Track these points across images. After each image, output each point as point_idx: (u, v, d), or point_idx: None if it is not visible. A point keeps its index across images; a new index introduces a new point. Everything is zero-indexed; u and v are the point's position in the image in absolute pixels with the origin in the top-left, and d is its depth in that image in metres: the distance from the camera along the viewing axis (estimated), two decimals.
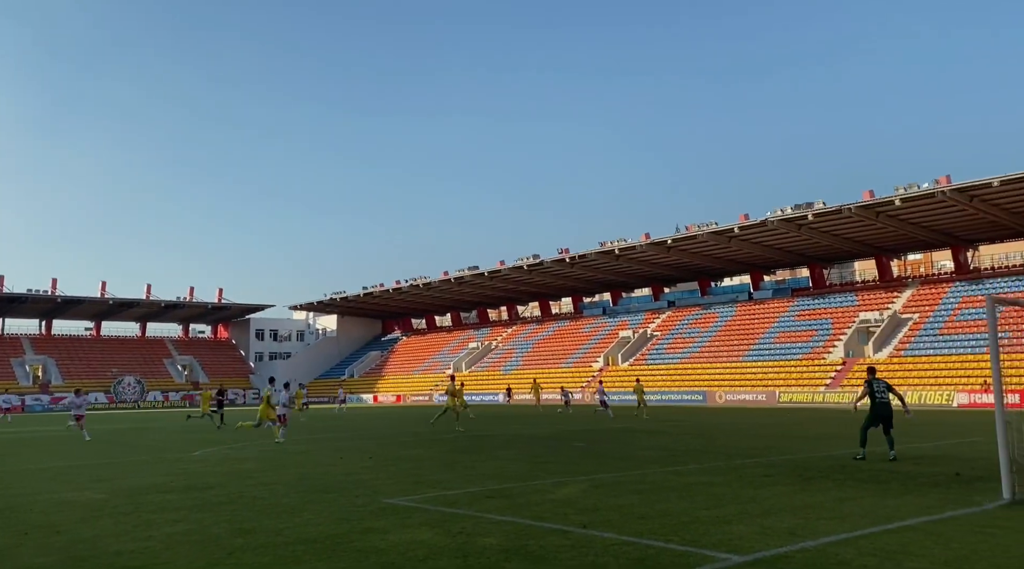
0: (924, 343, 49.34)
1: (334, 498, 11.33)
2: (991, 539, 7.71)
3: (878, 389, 15.10)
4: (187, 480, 13.99)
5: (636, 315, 72.39)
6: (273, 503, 10.97)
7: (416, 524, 9.12)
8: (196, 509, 10.54)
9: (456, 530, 8.69)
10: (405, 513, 9.90)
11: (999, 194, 45.50)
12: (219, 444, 22.86)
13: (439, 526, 8.95)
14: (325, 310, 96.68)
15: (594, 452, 18.09)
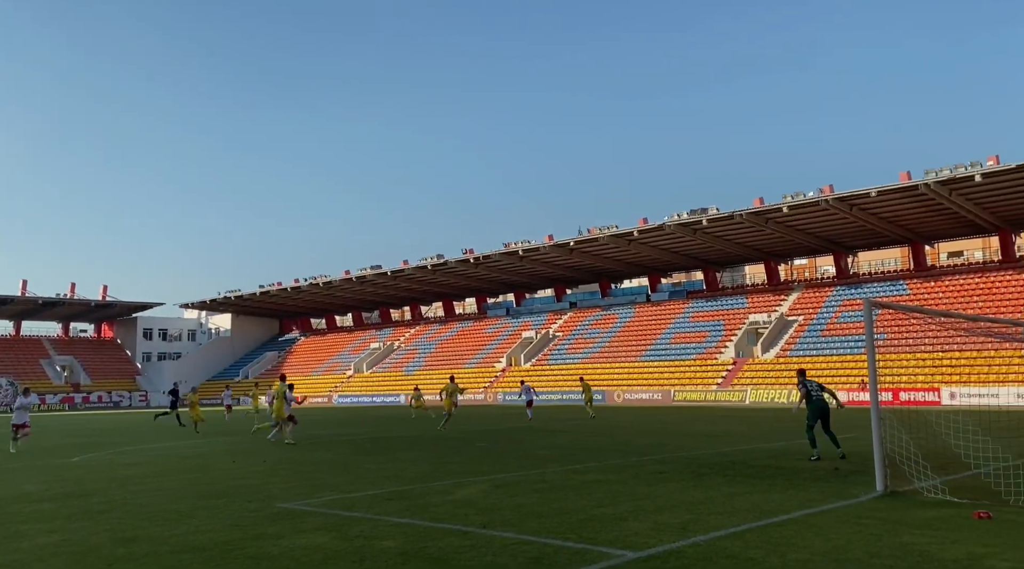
0: (808, 344, 52.04)
1: (225, 504, 10.91)
2: (865, 529, 8.19)
3: (812, 388, 15.54)
4: (65, 487, 13.16)
5: (539, 316, 73.21)
6: (159, 510, 10.46)
7: (311, 529, 8.89)
8: (74, 518, 9.93)
9: (354, 534, 8.52)
10: (300, 518, 9.64)
11: (876, 204, 48.51)
12: (105, 448, 21.61)
13: (336, 530, 8.75)
14: (219, 309, 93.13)
15: (496, 452, 18.15)
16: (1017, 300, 46.62)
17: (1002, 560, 6.72)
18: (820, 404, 15.24)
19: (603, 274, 70.82)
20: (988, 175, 42.91)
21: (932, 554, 6.99)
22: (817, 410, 15.22)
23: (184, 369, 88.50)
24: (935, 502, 9.73)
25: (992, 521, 8.46)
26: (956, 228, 53.44)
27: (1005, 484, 9.98)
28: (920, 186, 44.72)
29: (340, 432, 27.52)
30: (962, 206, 47.06)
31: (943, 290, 51.17)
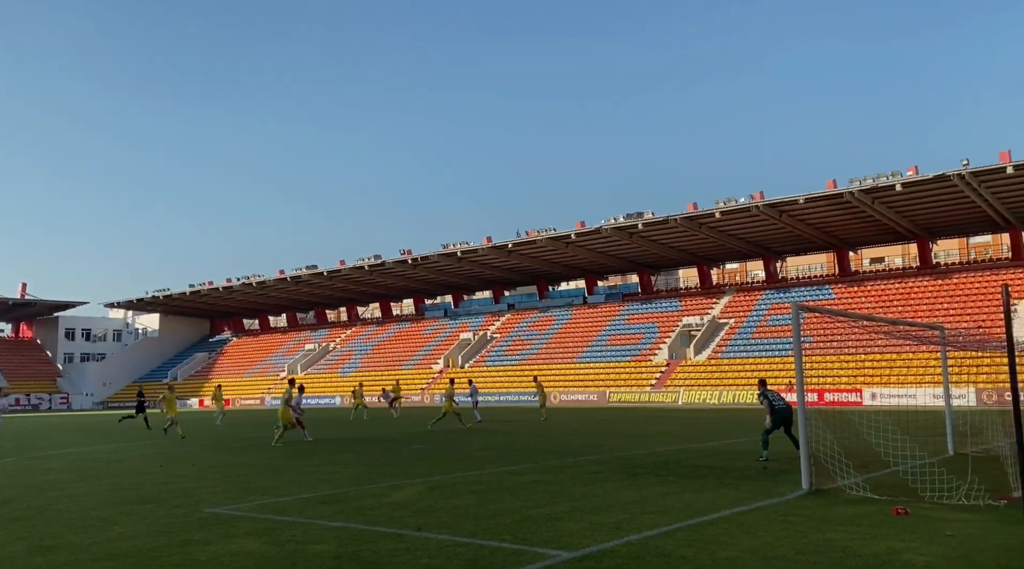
0: (738, 346, 53.39)
1: (151, 509, 10.57)
2: (791, 527, 8.45)
3: (775, 398, 15.82)
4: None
5: (477, 317, 73.17)
6: (81, 516, 10.06)
7: (242, 534, 8.68)
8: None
9: (286, 538, 8.36)
10: (230, 523, 9.40)
11: (804, 210, 50.12)
12: (23, 453, 20.65)
13: (267, 535, 8.57)
14: (146, 308, 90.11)
15: (432, 454, 18.06)
16: (933, 304, 48.79)
17: (918, 554, 7.03)
18: (784, 413, 15.56)
19: (541, 276, 71.25)
20: (908, 185, 44.80)
21: (854, 550, 7.26)
22: (779, 419, 15.53)
23: (109, 371, 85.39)
24: (857, 499, 10.10)
25: (909, 517, 8.83)
26: (878, 235, 55.62)
27: (921, 481, 10.42)
28: (845, 194, 46.39)
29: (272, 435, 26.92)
30: (884, 214, 49.01)
31: (866, 295, 53.19)
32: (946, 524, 8.37)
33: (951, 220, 51.15)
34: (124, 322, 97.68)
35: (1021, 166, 40.93)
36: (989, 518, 8.71)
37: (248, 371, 79.01)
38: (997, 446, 13.36)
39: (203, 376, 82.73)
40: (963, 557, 6.89)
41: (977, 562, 6.72)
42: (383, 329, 78.78)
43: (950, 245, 66.96)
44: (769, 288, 59.73)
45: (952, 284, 50.98)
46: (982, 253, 67.09)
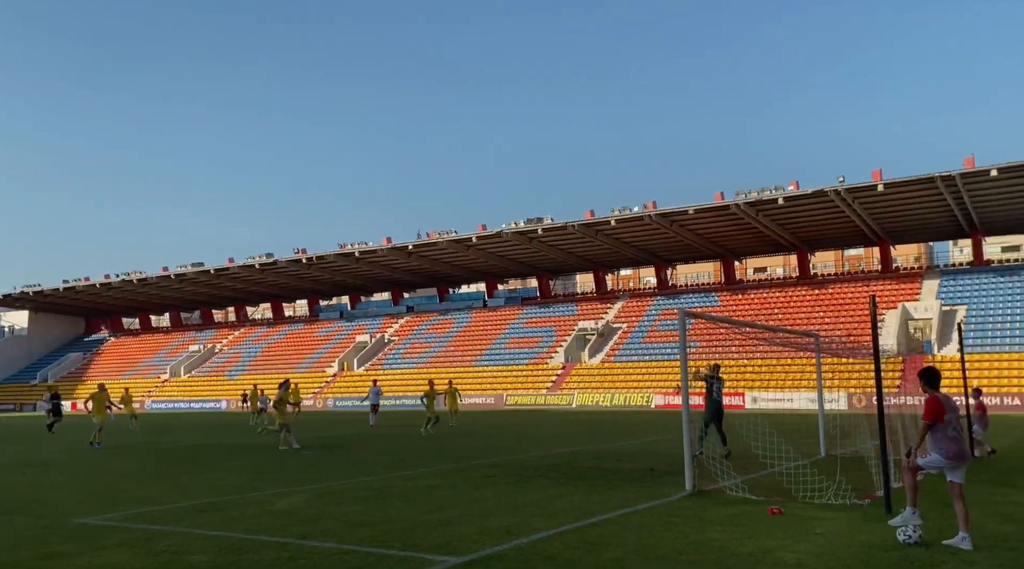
0: (631, 350, 54.87)
1: (12, 520, 9.84)
2: (673, 527, 8.71)
3: (717, 391, 15.94)
4: None
5: (374, 319, 72.09)
6: None
7: (112, 545, 8.20)
8: None
9: (159, 549, 7.95)
10: (100, 534, 8.86)
11: (693, 220, 52.07)
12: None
13: (140, 546, 8.12)
14: (14, 305, 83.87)
15: (323, 460, 17.64)
16: (811, 313, 51.67)
17: (789, 552, 7.39)
18: (717, 406, 15.66)
19: (441, 278, 70.96)
20: (789, 199, 47.30)
21: (731, 549, 7.55)
22: (714, 410, 15.63)
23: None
24: (736, 500, 10.53)
25: (783, 516, 9.28)
26: (762, 246, 58.43)
27: (795, 482, 10.98)
28: (732, 206, 48.51)
29: (152, 440, 25.64)
30: (767, 226, 51.55)
31: (749, 302, 55.75)
32: (816, 522, 8.84)
33: (828, 233, 54.31)
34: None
35: (891, 184, 43.93)
36: (855, 516, 9.26)
37: (127, 373, 74.89)
38: (863, 448, 14.25)
39: (77, 378, 77.83)
40: (830, 554, 7.29)
41: (842, 558, 7.12)
42: (274, 330, 76.45)
43: (827, 257, 71.23)
44: (660, 294, 61.68)
45: (828, 294, 54.13)
46: (855, 265, 71.72)
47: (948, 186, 43.16)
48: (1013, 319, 45.22)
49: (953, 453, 7.67)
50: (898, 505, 9.54)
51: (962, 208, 46.68)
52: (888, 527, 8.36)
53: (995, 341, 44.00)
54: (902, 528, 7.76)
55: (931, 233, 56.09)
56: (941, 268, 55.20)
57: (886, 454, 9.79)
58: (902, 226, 51.85)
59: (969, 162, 41.79)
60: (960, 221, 49.38)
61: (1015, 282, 48.42)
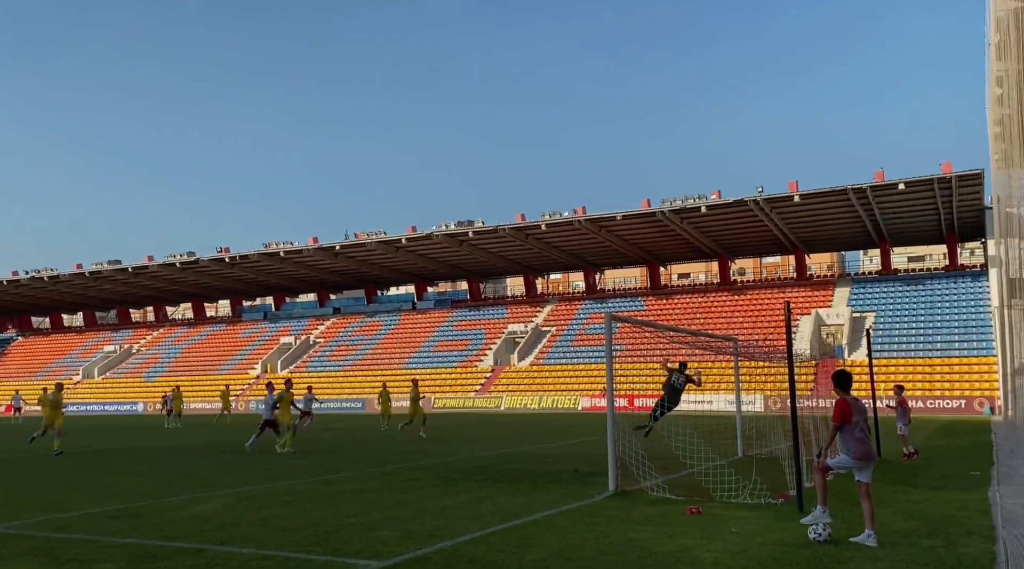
0: (559, 353, 55.39)
1: None
2: (596, 527, 8.85)
3: (677, 380, 16.43)
4: None
5: (300, 321, 70.66)
6: None
7: (15, 554, 7.82)
8: None
9: (67, 557, 7.62)
10: (1, 542, 8.43)
11: (621, 226, 52.99)
12: None
13: (45, 554, 7.78)
14: None
15: (243, 463, 17.20)
16: (731, 318, 53.20)
17: (706, 551, 7.61)
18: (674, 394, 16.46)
19: (369, 280, 70.09)
20: (712, 207, 48.64)
21: (651, 548, 7.73)
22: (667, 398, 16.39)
23: None
24: (657, 500, 10.77)
25: (701, 515, 9.55)
26: (686, 252, 59.88)
27: (713, 482, 11.30)
28: (658, 213, 49.59)
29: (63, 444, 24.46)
30: (691, 233, 52.87)
31: (673, 307, 57.04)
32: (732, 521, 9.12)
33: (747, 241, 56.07)
34: None
35: (806, 195, 45.67)
36: (768, 515, 9.59)
37: (37, 374, 71.23)
38: (778, 448, 14.76)
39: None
40: (744, 552, 7.54)
41: (756, 556, 7.37)
42: (195, 331, 74.08)
43: (746, 264, 73.57)
44: (588, 298, 62.48)
45: (747, 299, 55.86)
46: (772, 272, 74.25)
47: (859, 198, 45.16)
48: (918, 326, 47.63)
49: (860, 453, 8.03)
50: (810, 504, 9.94)
51: (872, 219, 48.91)
52: (800, 525, 8.70)
53: (901, 346, 46.24)
54: (813, 526, 8.08)
55: (843, 243, 58.59)
56: (852, 276, 57.65)
57: (799, 455, 10.18)
58: (816, 235, 53.98)
59: (879, 175, 43.84)
60: (870, 231, 51.72)
61: (920, 291, 51.01)
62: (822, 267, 66.61)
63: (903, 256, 71.02)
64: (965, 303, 48.56)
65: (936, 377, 42.89)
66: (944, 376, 42.86)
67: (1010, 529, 8.31)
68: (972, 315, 47.22)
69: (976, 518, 9.24)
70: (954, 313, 48.02)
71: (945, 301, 49.35)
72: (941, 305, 49.04)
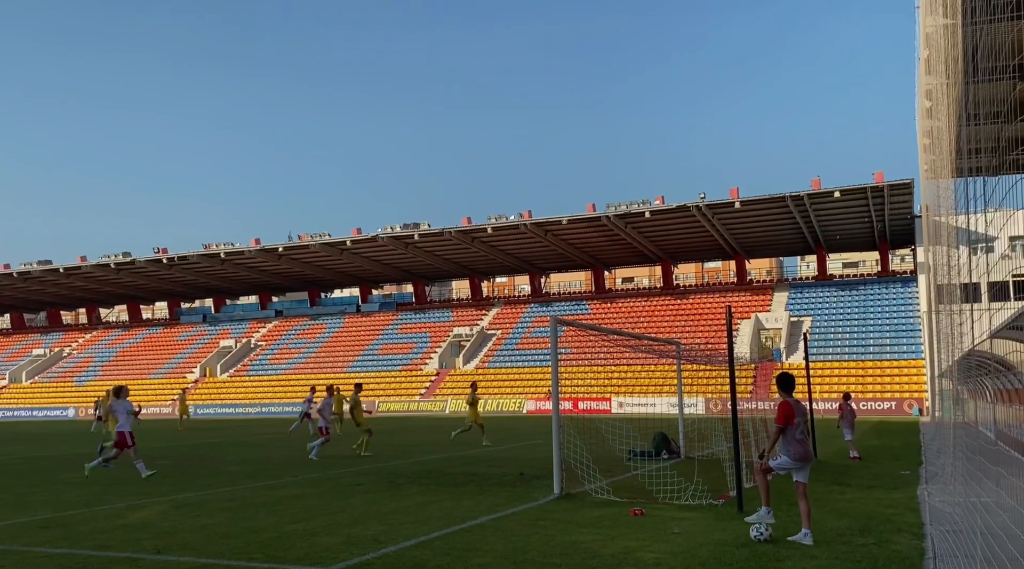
0: (505, 356, 55.47)
1: None
2: (541, 530, 8.89)
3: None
4: None
5: (240, 323, 69.20)
6: None
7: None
8: None
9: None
10: None
11: (566, 230, 53.41)
12: None
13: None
14: None
15: (179, 470, 16.76)
16: (674, 321, 54.11)
17: (649, 552, 7.71)
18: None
19: (313, 282, 69.07)
20: (655, 212, 49.42)
21: (595, 550, 7.80)
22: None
23: None
24: (601, 502, 10.87)
25: (644, 517, 9.67)
26: (630, 257, 60.68)
27: (656, 484, 11.47)
28: (602, 218, 50.15)
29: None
30: (635, 238, 53.61)
31: (618, 311, 57.71)
32: (674, 522, 9.27)
33: (690, 246, 57.11)
34: None
35: (747, 201, 46.78)
36: (709, 516, 9.78)
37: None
38: (719, 450, 15.09)
39: None
40: (686, 552, 7.67)
41: (697, 556, 7.51)
42: (130, 334, 71.86)
43: (689, 269, 74.88)
44: (534, 302, 62.75)
45: (689, 304, 56.87)
46: (714, 277, 75.81)
47: (797, 205, 46.46)
48: (852, 329, 49.19)
49: (799, 454, 8.25)
50: (749, 504, 10.17)
51: (809, 226, 50.36)
52: (739, 525, 8.90)
53: (836, 350, 47.68)
54: (755, 525, 8.26)
55: (782, 249, 60.19)
56: (790, 281, 59.24)
57: (739, 456, 10.41)
58: (756, 242, 55.32)
59: (816, 183, 45.18)
60: (807, 238, 53.24)
61: (854, 295, 52.71)
62: (762, 272, 68.34)
63: (838, 262, 73.30)
64: (896, 308, 50.39)
65: (868, 379, 44.36)
66: (876, 379, 44.36)
67: (937, 526, 8.65)
68: (902, 319, 49.01)
69: (906, 516, 9.58)
70: (885, 317, 49.78)
71: (877, 306, 51.12)
72: (874, 309, 50.79)
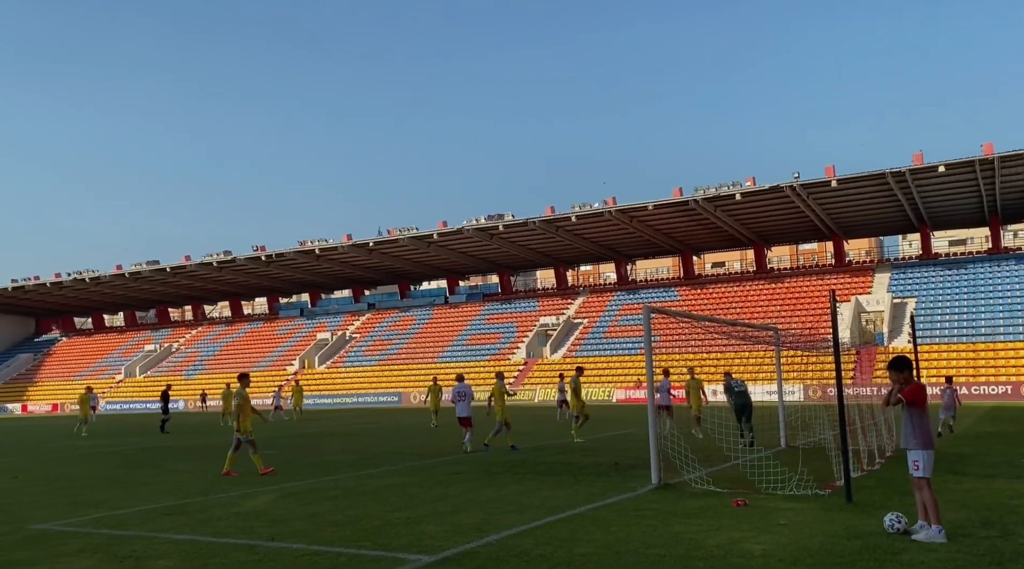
0: (592, 345, 55.22)
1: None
2: (641, 521, 8.81)
3: (736, 384, 17.39)
4: None
5: (335, 317, 71.41)
6: None
7: (73, 552, 8.02)
8: None
9: (124, 554, 7.80)
10: (59, 540, 8.66)
11: (652, 216, 52.59)
12: None
13: (103, 551, 7.96)
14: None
15: (284, 459, 17.44)
16: (767, 307, 52.59)
17: (756, 543, 7.53)
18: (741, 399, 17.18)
19: (402, 275, 70.54)
20: (746, 194, 48.04)
21: (699, 541, 7.67)
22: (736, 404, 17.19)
23: None
24: (701, 493, 10.68)
25: (747, 508, 9.45)
26: (720, 241, 59.25)
27: (757, 474, 11.18)
28: (690, 202, 49.10)
29: (107, 443, 25.08)
30: (725, 221, 52.29)
31: (707, 297, 56.51)
32: (779, 513, 9.01)
33: (783, 228, 55.30)
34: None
35: (844, 180, 44.91)
36: (816, 506, 9.46)
37: (80, 374, 72.99)
38: (822, 438, 14.57)
39: (27, 379, 75.76)
40: (795, 544, 7.45)
41: (807, 548, 7.28)
42: (233, 329, 75.21)
43: (782, 252, 72.53)
44: (620, 290, 62.17)
45: (784, 288, 55.13)
46: (809, 259, 73.19)
47: (898, 182, 44.28)
48: (960, 310, 46.61)
49: (929, 442, 7.81)
50: (858, 494, 9.81)
51: (911, 203, 47.94)
52: (849, 515, 8.60)
53: (943, 332, 45.31)
54: (891, 516, 7.80)
55: (882, 228, 57.51)
56: (892, 262, 56.60)
57: (846, 444, 10.02)
58: (854, 221, 53.06)
59: (918, 158, 42.93)
60: (909, 216, 50.71)
61: (961, 275, 49.90)
62: (860, 253, 65.50)
63: (944, 240, 69.49)
64: (1009, 286, 47.45)
65: (980, 363, 42.00)
66: (989, 362, 41.94)
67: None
68: (1017, 299, 46.12)
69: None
70: (998, 297, 46.94)
71: (988, 285, 48.26)
72: (984, 289, 47.98)
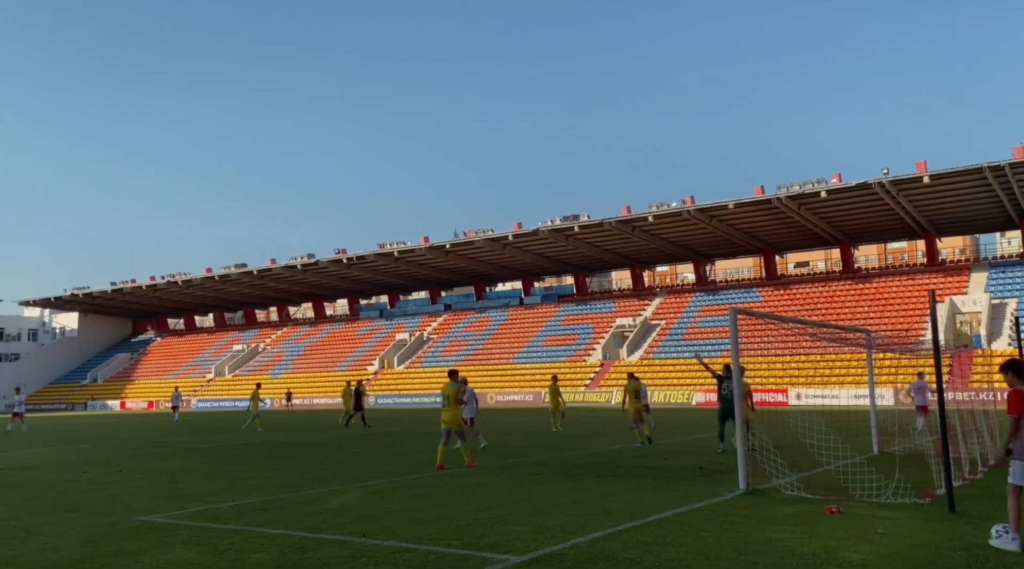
0: (669, 346, 54.42)
1: (77, 518, 10.10)
2: (732, 526, 8.62)
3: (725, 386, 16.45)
4: None
5: (413, 318, 72.62)
6: (1, 527, 9.53)
7: (177, 543, 8.37)
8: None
9: (224, 547, 8.10)
10: (163, 531, 9.06)
11: (733, 215, 51.45)
12: None
13: (204, 544, 8.29)
14: (64, 307, 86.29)
15: (367, 457, 17.81)
16: (855, 307, 50.73)
17: (854, 552, 7.26)
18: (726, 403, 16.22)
19: (478, 277, 71.18)
20: (832, 192, 46.48)
21: (793, 549, 7.45)
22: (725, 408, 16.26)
23: (23, 371, 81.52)
24: (792, 499, 10.38)
25: (842, 515, 9.12)
26: (803, 240, 57.51)
27: (851, 480, 10.78)
28: (773, 200, 47.84)
29: (199, 439, 26.17)
30: (809, 220, 50.71)
31: (791, 297, 54.92)
32: (876, 521, 8.67)
33: (871, 226, 53.27)
34: (40, 321, 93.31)
35: (937, 176, 42.94)
36: (916, 515, 9.06)
37: (173, 372, 76.51)
38: (918, 445, 13.96)
39: (125, 378, 79.82)
40: (895, 554, 7.15)
41: (909, 558, 6.98)
42: (316, 330, 77.39)
43: (870, 251, 69.88)
44: (699, 290, 61.08)
45: (872, 288, 53.09)
46: (899, 258, 70.23)
47: (997, 176, 42.08)
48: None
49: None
50: (961, 504, 9.35)
51: (1011, 198, 45.48)
52: (951, 526, 8.21)
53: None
54: (996, 529, 7.45)
55: (978, 225, 54.74)
56: (989, 260, 53.78)
57: (947, 451, 9.57)
58: (948, 218, 50.69)
59: (1019, 151, 40.68)
60: (1009, 212, 48.13)
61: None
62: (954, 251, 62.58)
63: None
64: None
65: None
66: None
67: None
68: None
69: None
70: None
71: None
72: None
